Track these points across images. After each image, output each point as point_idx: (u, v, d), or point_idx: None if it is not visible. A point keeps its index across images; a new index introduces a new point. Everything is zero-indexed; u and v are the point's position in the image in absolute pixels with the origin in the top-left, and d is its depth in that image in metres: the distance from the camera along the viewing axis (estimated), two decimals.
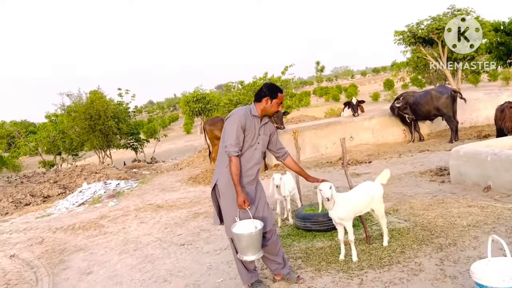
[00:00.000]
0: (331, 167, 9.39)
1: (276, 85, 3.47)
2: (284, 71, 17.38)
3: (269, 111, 3.41)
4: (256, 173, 3.47)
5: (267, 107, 3.38)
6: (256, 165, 3.45)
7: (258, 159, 3.45)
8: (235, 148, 3.24)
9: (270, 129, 3.55)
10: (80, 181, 12.34)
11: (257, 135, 3.39)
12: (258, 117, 3.40)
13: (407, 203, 5.42)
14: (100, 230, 6.78)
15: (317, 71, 68.87)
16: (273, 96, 3.36)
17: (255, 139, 3.38)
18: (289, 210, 5.45)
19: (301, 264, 3.96)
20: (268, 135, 3.51)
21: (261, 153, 3.49)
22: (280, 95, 3.38)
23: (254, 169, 3.43)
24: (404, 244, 4.00)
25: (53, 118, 22.41)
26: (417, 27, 14.32)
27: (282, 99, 3.39)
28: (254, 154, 3.40)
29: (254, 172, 3.44)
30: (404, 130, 11.51)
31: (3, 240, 7.16)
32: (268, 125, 3.52)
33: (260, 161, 3.49)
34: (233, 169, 3.23)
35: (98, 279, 4.56)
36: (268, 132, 3.51)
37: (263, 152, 3.51)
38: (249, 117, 3.35)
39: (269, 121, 3.56)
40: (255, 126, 3.38)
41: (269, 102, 3.37)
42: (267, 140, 3.51)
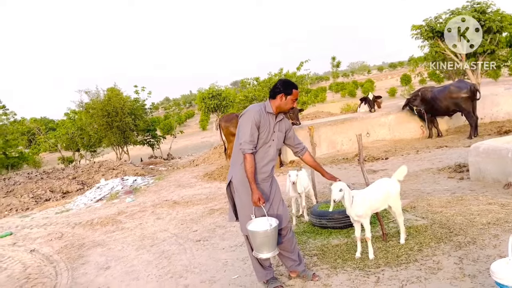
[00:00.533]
0: (347, 163, 9.32)
1: (290, 81, 3.44)
2: (300, 66, 17.31)
3: (284, 108, 3.38)
4: (271, 170, 3.45)
5: (282, 104, 3.36)
6: (271, 162, 3.42)
7: (273, 156, 3.43)
8: (249, 145, 3.23)
9: (286, 126, 3.52)
10: (98, 177, 12.52)
11: (272, 132, 3.36)
12: (273, 114, 3.37)
13: (424, 200, 5.33)
14: (118, 225, 6.87)
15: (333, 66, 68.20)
16: (287, 93, 3.34)
17: (270, 136, 3.35)
18: (304, 207, 5.43)
19: (317, 262, 3.94)
20: (283, 132, 3.48)
21: (276, 150, 3.45)
22: (295, 91, 3.35)
23: (269, 166, 3.41)
24: (422, 242, 3.94)
25: (72, 115, 22.76)
26: (436, 21, 14.06)
27: (297, 95, 3.37)
28: (269, 151, 3.37)
29: (269, 169, 3.42)
30: (422, 126, 11.34)
31: (24, 235, 7.33)
32: (283, 121, 3.49)
33: (275, 158, 3.47)
34: (248, 166, 3.22)
35: (115, 274, 4.62)
36: (283, 129, 3.48)
37: (278, 149, 3.47)
38: (264, 114, 3.32)
39: (285, 118, 3.52)
40: (270, 123, 3.35)
41: (284, 98, 3.34)
42: (282, 137, 3.48)
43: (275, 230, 3.19)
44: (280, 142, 3.48)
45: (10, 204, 10.23)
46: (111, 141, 19.64)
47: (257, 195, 3.20)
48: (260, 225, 3.21)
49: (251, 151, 3.24)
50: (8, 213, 9.81)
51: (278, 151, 3.53)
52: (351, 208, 3.69)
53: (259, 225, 3.21)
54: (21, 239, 7.05)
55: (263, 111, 3.33)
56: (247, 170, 3.22)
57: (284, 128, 3.49)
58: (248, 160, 3.23)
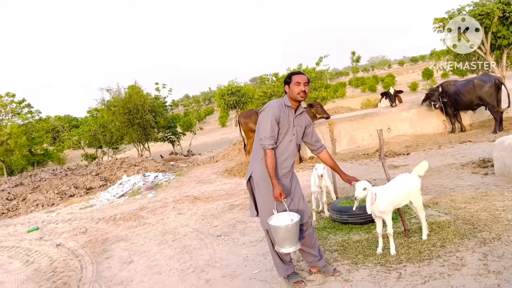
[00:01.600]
0: (367, 159, 9.24)
1: (292, 72, 3.48)
2: (319, 62, 17.18)
3: (294, 96, 3.34)
4: (291, 165, 3.45)
5: (290, 94, 3.36)
6: (291, 157, 3.42)
7: (293, 151, 3.43)
8: (269, 141, 3.25)
9: (306, 121, 3.51)
10: (120, 173, 12.74)
11: (292, 126, 3.37)
12: (292, 108, 3.39)
13: (447, 195, 5.25)
14: (140, 221, 6.99)
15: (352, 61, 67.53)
16: (288, 82, 3.37)
17: (290, 130, 3.36)
18: (324, 202, 5.41)
19: (337, 257, 3.93)
20: (303, 126, 3.47)
21: (296, 145, 3.45)
22: (294, 77, 3.34)
23: (289, 161, 3.41)
24: (445, 238, 3.88)
25: (94, 113, 23.19)
26: (459, 13, 13.73)
27: (298, 79, 3.32)
28: (289, 146, 3.38)
29: (289, 164, 3.42)
30: (444, 121, 11.13)
31: (50, 229, 7.53)
32: (302, 116, 3.48)
33: (295, 153, 3.46)
34: (269, 162, 3.23)
35: (138, 268, 4.71)
36: (303, 124, 3.47)
37: (298, 143, 3.47)
38: (283, 108, 3.34)
39: (305, 113, 3.51)
40: (289, 117, 3.36)
41: (288, 88, 3.37)
42: (301, 132, 3.47)
43: (297, 225, 3.19)
44: (300, 137, 3.48)
45: (37, 200, 10.51)
46: (132, 138, 19.94)
47: (278, 190, 3.20)
48: (281, 220, 3.21)
49: (272, 147, 3.25)
50: (34, 209, 10.09)
51: (298, 146, 3.52)
52: (373, 205, 3.66)
53: (281, 220, 3.21)
54: (47, 233, 7.24)
55: (283, 106, 3.35)
56: (268, 166, 3.23)
57: (303, 123, 3.49)
58: (269, 155, 3.24)
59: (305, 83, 3.32)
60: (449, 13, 13.94)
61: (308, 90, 3.38)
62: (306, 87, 3.32)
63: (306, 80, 3.33)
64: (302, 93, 3.31)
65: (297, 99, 3.34)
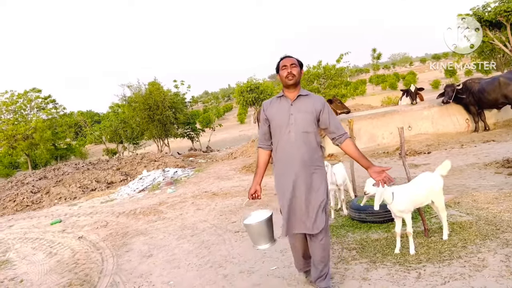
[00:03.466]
0: (387, 157, 9.13)
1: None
2: (339, 59, 17.05)
3: (283, 81, 3.07)
4: (299, 162, 3.02)
5: (281, 80, 3.11)
6: (300, 149, 3.02)
7: (299, 142, 3.02)
8: (260, 141, 3.26)
9: (315, 105, 3.07)
10: (141, 168, 12.93)
11: (288, 116, 3.03)
12: (285, 97, 3.10)
13: (469, 195, 5.15)
14: (159, 215, 7.08)
15: (373, 58, 66.54)
16: (277, 69, 3.19)
17: (285, 121, 3.04)
18: (343, 200, 5.38)
19: (356, 255, 3.91)
20: (308, 111, 3.04)
21: (302, 134, 3.02)
22: (280, 62, 3.12)
23: (295, 156, 3.02)
24: (466, 239, 3.82)
25: (116, 109, 23.57)
26: (483, 9, 13.43)
27: (283, 62, 3.08)
28: (290, 138, 3.02)
29: (295, 159, 3.02)
30: (467, 119, 10.90)
31: (72, 222, 7.70)
32: (307, 100, 3.09)
33: (307, 146, 3.03)
34: (257, 159, 3.28)
35: (157, 262, 4.78)
36: (307, 109, 3.04)
37: (305, 132, 3.02)
38: (274, 101, 3.15)
39: (312, 96, 3.13)
40: (283, 108, 3.07)
41: (278, 75, 3.17)
42: (307, 119, 3.03)
43: (267, 222, 3.17)
44: (305, 124, 3.02)
45: (60, 193, 10.77)
46: (152, 133, 20.20)
47: (253, 188, 3.22)
48: (256, 218, 3.28)
49: (260, 146, 3.26)
50: (57, 202, 10.34)
51: (309, 136, 3.04)
52: (392, 204, 3.63)
53: (255, 218, 3.29)
54: (70, 226, 7.42)
55: (274, 99, 3.18)
56: (257, 163, 3.27)
57: (309, 107, 3.05)
58: (258, 154, 3.29)
59: (291, 65, 3.04)
60: (474, 9, 13.64)
61: (298, 72, 3.06)
62: (294, 68, 3.04)
63: (292, 62, 3.07)
64: (289, 76, 3.02)
65: (286, 84, 3.05)
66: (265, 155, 3.24)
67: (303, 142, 3.02)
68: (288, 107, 3.06)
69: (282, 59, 3.12)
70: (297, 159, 3.02)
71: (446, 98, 10.60)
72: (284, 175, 3.08)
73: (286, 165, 3.06)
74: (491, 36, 13.95)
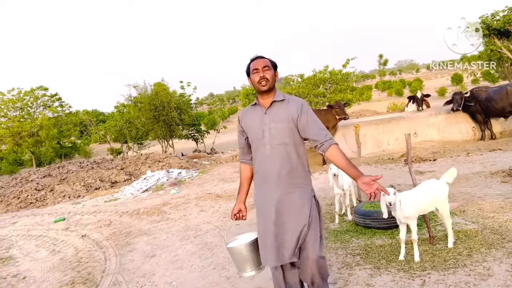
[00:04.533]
0: (392, 163, 9.10)
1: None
2: (346, 64, 17.04)
3: (256, 87, 2.64)
4: (275, 179, 2.57)
5: (253, 85, 2.68)
6: (273, 165, 2.57)
7: (275, 156, 2.56)
8: (240, 155, 2.92)
9: (291, 110, 2.58)
10: (145, 168, 12.96)
11: (263, 125, 2.60)
12: (259, 105, 2.68)
13: (475, 204, 5.12)
14: (163, 216, 7.09)
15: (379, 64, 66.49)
16: (247, 73, 2.72)
17: (259, 132, 2.62)
18: (347, 205, 5.36)
19: (360, 261, 3.89)
20: (284, 120, 2.57)
21: (279, 148, 2.56)
22: (251, 65, 2.67)
23: (272, 171, 2.58)
24: (471, 247, 3.79)
25: (121, 108, 23.65)
26: (492, 18, 13.39)
27: (254, 65, 2.63)
28: (265, 152, 2.59)
29: (271, 175, 2.59)
30: (474, 128, 10.85)
31: (76, 220, 7.72)
32: (281, 106, 2.62)
33: (283, 160, 2.56)
34: (240, 176, 2.93)
35: (160, 263, 4.78)
36: (283, 117, 2.58)
37: (282, 144, 2.56)
38: (250, 110, 2.74)
39: (290, 100, 2.64)
40: (258, 116, 2.65)
41: (250, 80, 2.71)
42: (284, 128, 2.56)
43: (252, 246, 2.77)
44: (282, 135, 2.56)
45: (64, 191, 10.80)
46: (157, 134, 20.22)
47: (236, 208, 2.90)
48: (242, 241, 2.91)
49: (241, 160, 2.89)
50: (61, 200, 10.37)
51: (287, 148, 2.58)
52: (399, 210, 3.61)
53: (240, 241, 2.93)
54: (73, 224, 7.43)
55: (250, 108, 2.76)
56: (240, 179, 2.92)
57: (284, 115, 2.59)
58: (240, 169, 2.92)
59: (264, 67, 2.60)
60: (483, 18, 13.61)
61: (272, 76, 2.62)
62: (267, 71, 2.60)
63: (265, 63, 2.62)
64: (263, 81, 2.57)
65: (260, 89, 2.61)
66: (246, 171, 2.85)
67: (279, 156, 2.56)
68: (262, 116, 2.63)
69: (252, 61, 2.67)
70: (273, 175, 2.58)
71: (455, 105, 10.55)
72: (260, 192, 2.71)
73: (262, 181, 2.67)
74: (499, 45, 13.91)
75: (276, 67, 2.70)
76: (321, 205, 2.83)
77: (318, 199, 2.76)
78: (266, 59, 2.65)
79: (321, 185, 7.64)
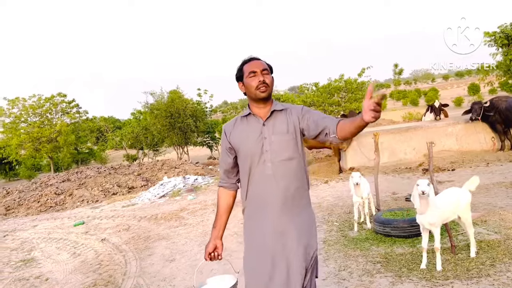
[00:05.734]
0: (410, 173, 9.04)
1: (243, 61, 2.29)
2: (361, 73, 17.07)
3: (253, 93, 2.18)
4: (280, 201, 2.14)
5: (248, 92, 2.23)
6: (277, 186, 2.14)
7: (279, 175, 2.15)
8: (221, 178, 2.37)
9: (293, 118, 2.21)
10: (161, 174, 13.09)
11: (262, 139, 2.17)
12: (254, 116, 2.23)
13: (496, 214, 5.06)
14: (181, 221, 7.15)
15: (395, 73, 66.08)
16: (239, 77, 2.27)
17: (258, 147, 2.17)
18: (366, 213, 5.35)
19: (380, 269, 3.88)
20: (288, 132, 2.18)
21: (282, 164, 2.15)
22: (245, 67, 2.23)
23: (274, 193, 2.15)
24: (495, 257, 3.76)
25: (138, 115, 23.98)
26: (511, 27, 13.26)
27: (250, 67, 2.19)
28: (265, 170, 2.15)
29: (274, 198, 2.15)
30: (493, 138, 10.72)
31: (95, 224, 7.83)
32: (282, 116, 2.22)
33: (289, 178, 2.16)
34: (217, 204, 2.38)
35: (180, 267, 4.83)
36: (285, 128, 2.19)
37: (286, 160, 2.16)
38: (238, 123, 2.27)
39: (289, 109, 2.25)
40: (254, 129, 2.20)
41: (242, 85, 2.25)
42: (288, 141, 2.18)
43: None
44: (285, 149, 2.17)
45: (82, 196, 10.97)
46: (173, 141, 20.46)
47: (211, 245, 2.37)
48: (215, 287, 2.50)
49: (222, 184, 2.36)
50: (80, 204, 10.54)
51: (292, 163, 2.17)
52: (425, 215, 3.59)
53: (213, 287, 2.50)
54: (93, 228, 7.54)
55: (238, 120, 2.29)
56: (217, 208, 2.37)
57: (286, 126, 2.19)
58: (218, 196, 2.37)
59: (262, 71, 2.19)
60: (502, 27, 13.48)
61: (271, 81, 2.21)
62: (266, 75, 2.19)
63: (263, 66, 2.20)
64: (262, 86, 2.16)
65: (258, 97, 2.18)
66: (228, 197, 2.35)
67: (284, 173, 2.15)
68: (260, 129, 2.19)
69: (247, 62, 2.24)
70: (277, 198, 2.14)
71: (474, 115, 10.46)
72: (256, 222, 2.22)
73: (259, 208, 2.19)
74: None
75: (273, 71, 2.28)
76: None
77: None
78: (263, 61, 2.25)
79: (338, 193, 7.63)
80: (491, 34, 13.60)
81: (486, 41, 13.80)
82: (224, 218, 2.36)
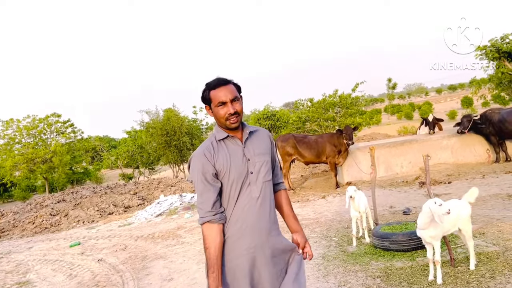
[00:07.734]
0: (407, 186, 9.04)
1: (208, 84, 2.14)
2: (355, 88, 17.19)
3: (222, 123, 2.10)
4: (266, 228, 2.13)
5: (217, 120, 2.14)
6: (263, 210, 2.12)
7: (262, 198, 2.12)
8: (203, 212, 2.08)
9: (266, 140, 2.25)
10: (157, 193, 13.01)
11: (246, 161, 2.12)
12: (232, 137, 2.14)
13: (495, 226, 5.06)
14: (178, 240, 7.09)
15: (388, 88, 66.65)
16: (207, 101, 2.15)
17: (245, 169, 2.11)
18: (365, 228, 5.33)
19: (380, 283, 3.85)
20: (265, 152, 2.20)
21: (265, 186, 2.14)
22: (213, 93, 2.09)
23: (261, 219, 2.11)
24: (494, 269, 3.75)
25: (133, 134, 23.98)
26: (502, 41, 13.49)
27: (219, 95, 2.06)
28: (251, 194, 2.10)
29: (261, 225, 2.11)
30: (488, 150, 10.79)
31: (91, 245, 7.75)
32: (257, 137, 2.22)
33: (270, 201, 2.17)
34: (206, 244, 2.05)
35: (178, 286, 4.77)
36: (262, 148, 2.20)
37: (267, 181, 2.16)
38: (216, 146, 2.12)
39: (260, 131, 2.28)
40: (236, 151, 2.13)
41: (211, 111, 2.16)
42: (267, 161, 2.19)
43: None
44: (267, 170, 2.17)
45: (78, 216, 10.87)
46: (168, 159, 20.42)
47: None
48: None
49: (209, 219, 2.06)
50: (76, 224, 10.42)
51: (270, 185, 2.19)
52: (427, 230, 3.59)
53: None
54: (89, 249, 7.45)
55: (214, 143, 2.13)
56: (206, 249, 2.05)
57: (263, 146, 2.21)
58: (205, 235, 2.07)
59: (232, 100, 2.08)
60: (492, 41, 13.71)
61: (241, 109, 2.12)
62: (237, 104, 2.09)
63: (233, 94, 2.09)
64: (233, 118, 2.07)
65: (229, 127, 2.10)
66: (219, 234, 2.07)
67: (267, 195, 2.16)
68: (242, 151, 2.13)
69: (213, 89, 2.09)
70: (264, 220, 2.12)
71: (461, 128, 10.61)
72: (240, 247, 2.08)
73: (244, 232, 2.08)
74: (509, 67, 13.93)
75: (241, 91, 2.18)
76: None
77: None
78: (231, 86, 2.11)
79: (336, 208, 7.61)
80: (482, 47, 13.82)
81: (477, 54, 14.03)
82: (220, 259, 2.04)
